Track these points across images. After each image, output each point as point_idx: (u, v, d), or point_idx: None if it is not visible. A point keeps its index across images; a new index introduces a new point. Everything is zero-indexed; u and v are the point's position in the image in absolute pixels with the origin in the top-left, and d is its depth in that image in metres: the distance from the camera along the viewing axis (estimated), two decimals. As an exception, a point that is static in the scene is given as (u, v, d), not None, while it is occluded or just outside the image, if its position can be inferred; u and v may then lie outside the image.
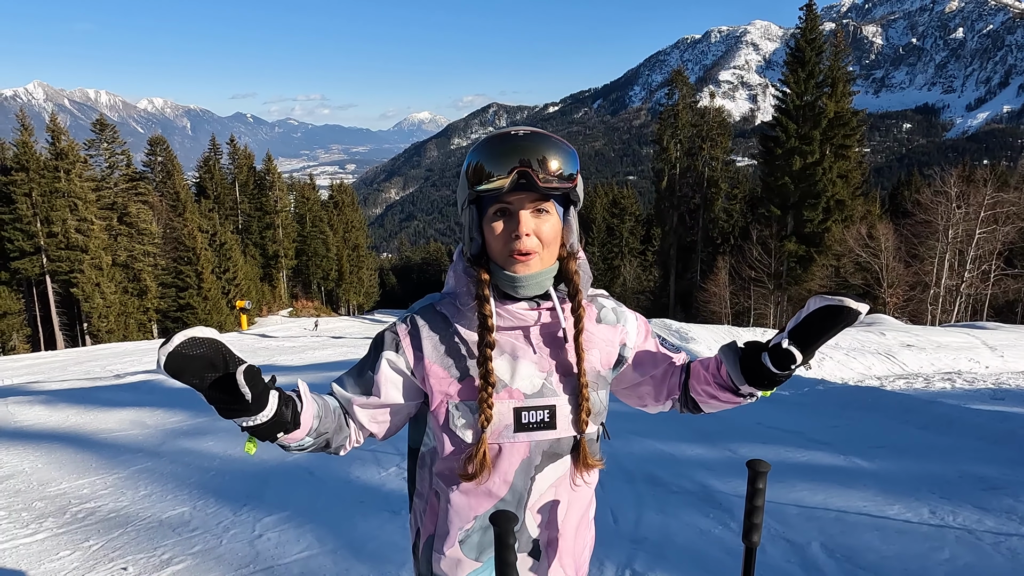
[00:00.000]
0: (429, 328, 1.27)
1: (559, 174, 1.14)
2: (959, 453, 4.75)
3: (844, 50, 35.43)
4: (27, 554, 3.40)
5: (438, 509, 1.31)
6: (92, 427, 6.59)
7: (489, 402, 1.18)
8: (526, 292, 1.20)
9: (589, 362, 1.29)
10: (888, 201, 44.56)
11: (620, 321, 1.36)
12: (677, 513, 3.72)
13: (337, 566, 3.15)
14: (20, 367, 19.78)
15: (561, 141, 1.17)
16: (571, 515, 1.32)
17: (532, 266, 1.18)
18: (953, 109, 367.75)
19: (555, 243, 1.21)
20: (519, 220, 1.16)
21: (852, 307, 1.06)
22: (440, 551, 1.30)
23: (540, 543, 1.30)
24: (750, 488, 1.25)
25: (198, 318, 39.86)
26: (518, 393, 1.23)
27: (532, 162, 1.12)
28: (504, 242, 1.18)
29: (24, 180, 34.92)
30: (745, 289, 33.44)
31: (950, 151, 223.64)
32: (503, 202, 1.16)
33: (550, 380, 1.25)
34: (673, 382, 1.40)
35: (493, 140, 1.16)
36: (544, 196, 1.17)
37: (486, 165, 1.14)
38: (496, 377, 1.21)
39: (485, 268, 1.22)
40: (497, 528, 1.03)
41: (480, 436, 1.20)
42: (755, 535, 1.25)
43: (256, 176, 57.32)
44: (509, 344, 1.24)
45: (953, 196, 26.59)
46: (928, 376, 11.37)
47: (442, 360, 1.25)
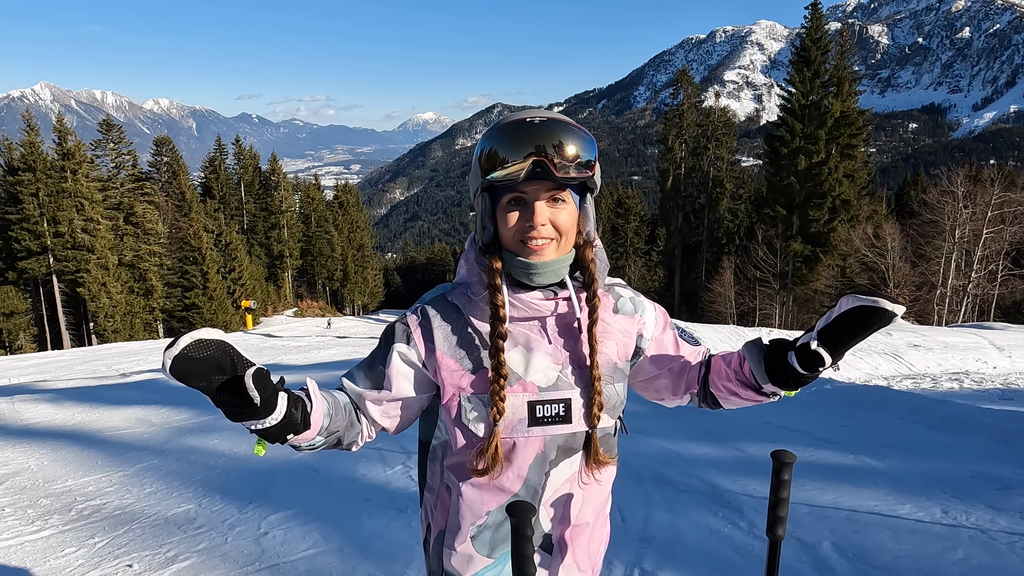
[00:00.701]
0: (441, 319, 1.23)
1: (577, 162, 1.10)
2: (970, 453, 4.70)
3: (850, 49, 35.36)
4: (32, 551, 3.38)
5: (449, 504, 1.27)
6: (98, 425, 6.58)
7: (501, 395, 1.14)
8: (541, 280, 1.16)
9: (605, 354, 1.25)
10: (894, 201, 44.38)
11: (638, 311, 1.32)
12: (686, 512, 3.68)
13: (343, 564, 3.13)
14: (27, 366, 19.83)
15: (579, 127, 1.12)
16: (585, 511, 1.28)
17: (547, 254, 1.15)
18: (959, 109, 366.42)
19: (571, 232, 1.17)
20: (535, 211, 1.12)
21: (887, 308, 1.02)
22: (451, 547, 1.27)
23: (553, 538, 1.27)
24: (775, 479, 1.21)
25: (203, 318, 39.95)
26: (532, 386, 1.19)
27: (548, 150, 1.08)
28: (518, 232, 1.14)
29: (31, 180, 35.05)
30: (750, 289, 33.35)
31: (956, 151, 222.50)
32: (518, 191, 1.13)
33: (565, 372, 1.21)
34: (692, 376, 1.36)
35: (508, 126, 1.12)
36: (560, 186, 1.13)
37: (500, 152, 1.09)
38: (509, 369, 1.18)
39: (498, 256, 1.18)
40: (514, 519, 1.00)
41: (492, 430, 1.17)
42: (780, 528, 1.21)
43: (261, 176, 57.45)
44: (523, 335, 1.21)
45: (960, 196, 26.47)
46: (935, 376, 11.30)
47: (454, 352, 1.21)
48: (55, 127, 37.05)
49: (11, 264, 35.79)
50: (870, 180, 37.21)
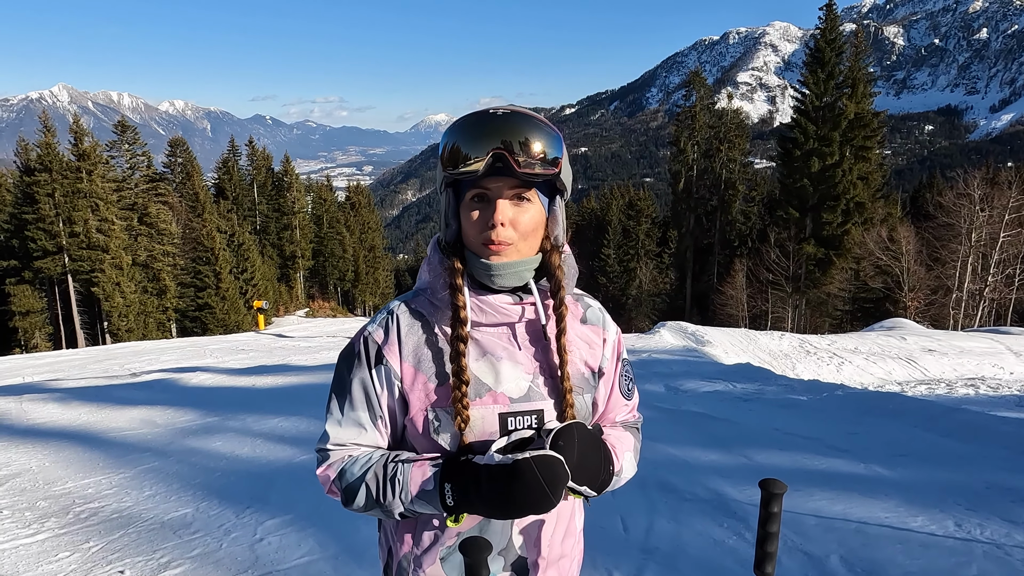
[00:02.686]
0: (408, 329, 1.16)
1: (541, 158, 1.04)
2: (986, 463, 4.57)
3: (865, 51, 34.98)
4: (26, 555, 3.35)
5: (414, 526, 1.19)
6: (102, 426, 6.58)
7: (464, 402, 1.08)
8: (502, 283, 1.10)
9: (574, 363, 1.18)
10: (909, 204, 43.85)
11: (604, 327, 1.26)
12: (690, 522, 3.59)
13: (337, 572, 3.07)
14: (41, 364, 19.97)
15: (544, 122, 1.06)
16: (560, 529, 1.22)
17: (507, 255, 1.08)
18: (976, 110, 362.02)
19: (535, 234, 1.10)
20: (496, 208, 1.06)
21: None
22: (420, 569, 1.19)
23: (527, 560, 1.20)
24: (763, 512, 1.11)
25: (216, 318, 40.18)
26: (503, 397, 1.12)
27: (512, 144, 1.02)
28: (479, 230, 1.08)
29: (47, 181, 35.39)
30: (763, 292, 33.07)
31: (973, 153, 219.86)
32: (481, 187, 1.07)
33: (536, 383, 1.14)
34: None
35: (470, 119, 1.06)
36: (525, 183, 1.06)
37: (462, 147, 1.04)
38: (477, 379, 1.11)
39: (460, 257, 1.12)
40: (468, 559, 0.93)
41: (459, 441, 1.10)
42: (768, 565, 1.10)
43: (274, 177, 57.78)
44: (492, 343, 1.14)
45: (976, 199, 26.14)
46: (951, 382, 11.11)
47: (421, 363, 1.14)
48: (71, 128, 37.40)
49: (27, 263, 36.14)
50: (885, 182, 36.77)
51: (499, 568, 1.17)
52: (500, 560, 1.17)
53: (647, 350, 12.89)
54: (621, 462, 1.18)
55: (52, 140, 35.90)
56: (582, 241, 53.74)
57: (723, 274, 38.46)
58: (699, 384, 8.88)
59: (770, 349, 14.51)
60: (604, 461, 1.08)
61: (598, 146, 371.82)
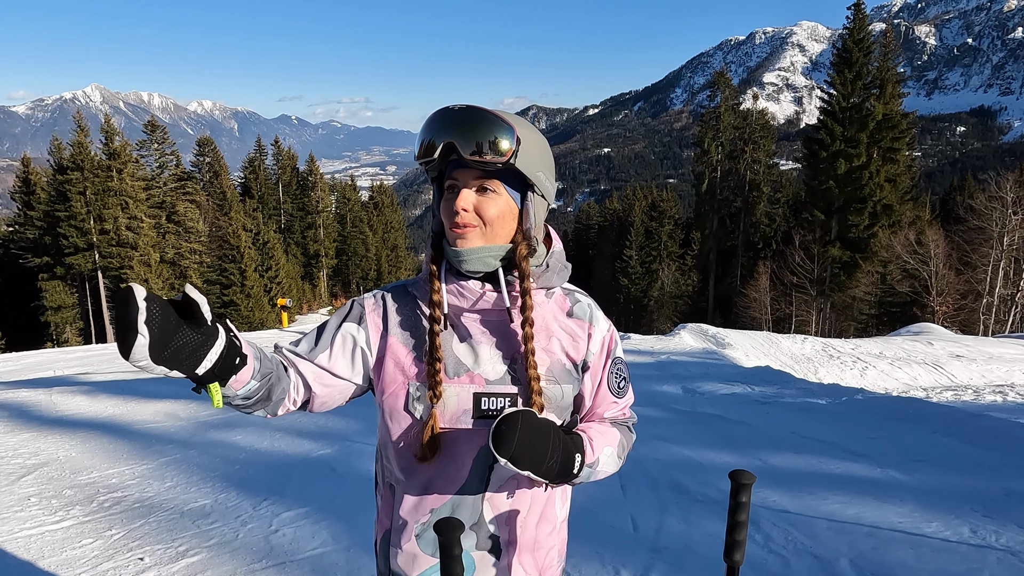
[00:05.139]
0: (398, 306, 1.26)
1: (491, 147, 1.11)
2: (1005, 470, 4.50)
3: (895, 50, 34.39)
4: (51, 541, 3.47)
5: (392, 503, 1.27)
6: (128, 418, 6.74)
7: (437, 378, 1.16)
8: (468, 267, 1.18)
9: (553, 352, 1.24)
10: (939, 206, 43.04)
11: (592, 321, 1.29)
12: (700, 523, 3.60)
13: (349, 564, 3.14)
14: (71, 359, 20.47)
15: (498, 116, 1.12)
16: (532, 511, 1.27)
17: (471, 240, 1.16)
18: (1011, 111, 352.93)
19: (501, 223, 1.17)
20: (458, 196, 1.15)
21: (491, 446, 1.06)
22: (397, 546, 1.27)
23: (500, 540, 1.25)
24: (733, 502, 1.16)
25: (241, 315, 40.78)
26: (480, 379, 1.20)
27: (461, 135, 1.10)
28: (448, 217, 1.17)
29: (79, 179, 36.25)
30: (787, 295, 32.66)
31: (1007, 155, 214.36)
32: (452, 178, 1.17)
33: (514, 368, 1.21)
34: (575, 425, 1.31)
35: (433, 115, 1.16)
36: (488, 174, 1.14)
37: (424, 139, 1.14)
38: (452, 355, 1.20)
39: (438, 245, 1.23)
40: (441, 537, 0.97)
41: (431, 411, 1.17)
42: (737, 553, 1.16)
43: (299, 177, 58.53)
44: (473, 327, 1.22)
45: (1009, 202, 25.57)
46: (978, 388, 10.89)
47: (406, 339, 1.23)
48: (103, 127, 38.27)
49: (59, 260, 37.05)
50: (914, 184, 36.11)
51: (472, 544, 1.23)
52: (472, 536, 1.22)
53: (666, 352, 12.83)
54: (596, 455, 1.22)
55: (85, 139, 36.74)
56: (604, 242, 53.45)
57: (746, 276, 38.09)
58: (717, 386, 8.82)
59: (792, 353, 14.35)
60: (555, 450, 1.10)
61: (621, 147, 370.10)
